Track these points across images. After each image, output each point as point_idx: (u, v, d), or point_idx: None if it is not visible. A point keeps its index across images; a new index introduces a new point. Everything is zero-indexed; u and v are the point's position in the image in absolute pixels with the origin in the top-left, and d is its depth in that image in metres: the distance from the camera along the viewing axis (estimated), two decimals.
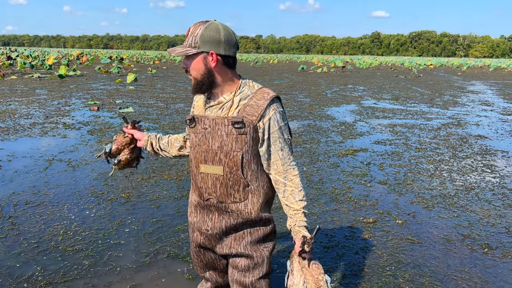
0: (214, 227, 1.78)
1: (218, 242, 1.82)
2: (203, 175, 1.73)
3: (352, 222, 3.65)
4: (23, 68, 21.64)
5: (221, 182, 1.69)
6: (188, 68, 1.65)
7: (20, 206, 3.75)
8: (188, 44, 1.61)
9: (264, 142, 1.68)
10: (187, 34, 1.62)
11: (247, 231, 1.78)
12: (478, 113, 10.96)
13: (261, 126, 1.65)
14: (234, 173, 1.67)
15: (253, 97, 1.66)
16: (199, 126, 1.71)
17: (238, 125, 1.63)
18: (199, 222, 1.84)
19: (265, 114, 1.64)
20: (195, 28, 1.60)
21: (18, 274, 2.65)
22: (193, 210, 1.86)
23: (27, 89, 13.37)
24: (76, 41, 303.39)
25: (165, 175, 4.75)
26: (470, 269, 2.93)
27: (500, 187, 4.77)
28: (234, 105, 1.65)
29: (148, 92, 13.52)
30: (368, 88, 18.07)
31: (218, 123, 1.66)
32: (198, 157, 1.73)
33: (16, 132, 6.82)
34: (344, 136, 7.36)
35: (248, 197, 1.72)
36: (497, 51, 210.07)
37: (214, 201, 1.74)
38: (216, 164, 1.68)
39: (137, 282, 2.62)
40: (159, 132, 7.58)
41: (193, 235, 1.91)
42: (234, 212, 1.74)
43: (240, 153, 1.65)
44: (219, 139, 1.66)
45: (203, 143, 1.70)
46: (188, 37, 1.61)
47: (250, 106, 1.64)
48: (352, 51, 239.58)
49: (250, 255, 1.78)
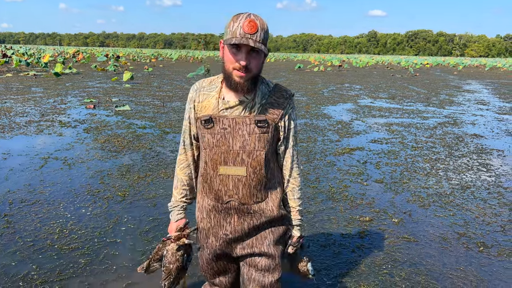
0: (235, 230, 1.71)
1: (238, 244, 1.75)
2: (222, 177, 1.64)
3: (348, 220, 3.66)
4: (18, 66, 21.53)
5: (244, 183, 1.63)
6: (252, 64, 1.52)
7: (15, 204, 3.73)
8: (261, 40, 1.48)
9: (283, 140, 1.69)
10: (255, 27, 1.47)
11: (269, 230, 1.74)
12: (474, 112, 11.00)
13: (281, 125, 1.65)
14: (258, 172, 1.63)
15: (273, 94, 1.64)
16: (217, 126, 1.62)
17: (261, 123, 1.59)
18: (215, 227, 1.74)
19: (286, 112, 1.65)
20: (261, 22, 1.49)
21: (13, 273, 2.64)
22: (206, 216, 1.75)
23: (22, 87, 13.29)
24: (72, 39, 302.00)
25: (161, 173, 4.74)
26: (466, 267, 2.94)
27: (495, 186, 4.79)
28: (256, 106, 1.62)
29: (145, 90, 13.48)
30: (364, 87, 18.10)
31: (239, 122, 1.60)
32: (217, 158, 1.63)
33: (11, 130, 6.78)
34: (340, 135, 7.37)
35: (268, 194, 1.70)
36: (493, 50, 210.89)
37: (235, 204, 1.66)
38: (238, 165, 1.62)
39: (133, 280, 2.62)
40: (155, 131, 7.55)
41: (207, 241, 1.79)
42: (257, 212, 1.69)
43: (263, 152, 1.62)
44: (240, 139, 1.60)
45: (222, 144, 1.62)
46: (259, 32, 1.48)
47: (270, 104, 1.62)
48: (348, 50, 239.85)
49: (272, 255, 1.74)
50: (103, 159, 5.28)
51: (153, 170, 4.87)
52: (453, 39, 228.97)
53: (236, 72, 1.52)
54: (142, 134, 6.84)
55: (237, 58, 1.50)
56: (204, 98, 1.67)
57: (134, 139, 6.41)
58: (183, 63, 40.27)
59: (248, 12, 1.51)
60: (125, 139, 6.41)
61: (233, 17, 1.51)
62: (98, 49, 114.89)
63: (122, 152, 5.63)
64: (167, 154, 5.64)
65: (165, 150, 5.86)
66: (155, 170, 4.87)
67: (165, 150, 5.83)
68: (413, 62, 58.06)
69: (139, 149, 5.84)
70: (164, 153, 5.66)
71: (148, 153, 5.65)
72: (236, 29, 1.47)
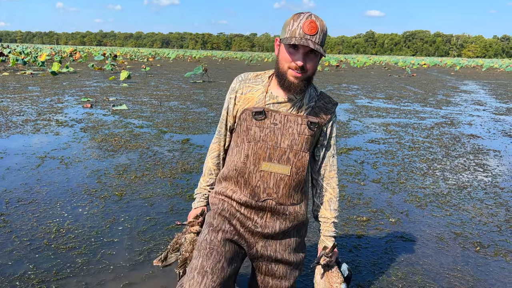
0: (266, 226, 1.63)
1: (261, 240, 1.66)
2: (263, 173, 1.57)
3: (345, 220, 3.66)
4: (15, 64, 21.44)
5: (285, 182, 1.58)
6: (308, 65, 1.49)
7: (12, 203, 3.72)
8: (320, 42, 1.45)
9: (323, 146, 1.67)
10: (316, 28, 1.43)
11: (294, 238, 1.70)
12: (471, 113, 11.04)
13: (326, 130, 1.65)
14: (300, 174, 1.59)
15: (321, 99, 1.63)
16: (268, 120, 1.56)
17: (313, 125, 1.58)
18: (241, 216, 1.64)
19: (331, 119, 1.65)
20: (321, 23, 1.45)
21: (10, 272, 2.63)
22: (232, 202, 1.66)
23: (19, 85, 13.24)
24: (69, 38, 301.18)
25: (158, 173, 4.73)
26: (463, 267, 2.95)
27: (492, 186, 4.81)
28: (304, 106, 1.59)
29: (142, 90, 13.45)
30: (362, 87, 18.13)
31: (291, 120, 1.56)
32: (261, 153, 1.57)
33: (8, 129, 6.75)
34: (338, 135, 7.38)
35: (304, 198, 1.68)
36: (489, 51, 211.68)
37: (273, 203, 1.60)
38: (283, 163, 1.57)
39: (130, 280, 2.61)
40: (152, 130, 7.52)
41: (226, 222, 1.64)
42: (291, 214, 1.64)
43: (308, 154, 1.59)
44: (290, 137, 1.56)
45: (270, 139, 1.56)
46: (319, 34, 1.44)
47: (319, 108, 1.61)
48: (346, 50, 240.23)
49: (291, 262, 1.71)
50: (100, 158, 5.26)
51: (150, 170, 4.86)
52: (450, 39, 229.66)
53: (291, 71, 1.49)
54: (139, 133, 6.82)
55: (294, 58, 1.47)
56: (249, 90, 1.63)
57: (131, 139, 6.40)
58: (180, 62, 40.21)
59: (309, 12, 1.48)
60: (122, 138, 6.39)
61: (294, 16, 1.48)
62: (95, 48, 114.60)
63: (119, 152, 5.61)
64: (164, 153, 5.64)
65: (162, 149, 5.85)
66: (152, 170, 4.86)
67: (162, 150, 5.82)
68: (410, 63, 58.22)
69: (136, 148, 5.83)
70: (161, 153, 5.65)
71: (145, 152, 5.64)
72: (296, 29, 1.44)
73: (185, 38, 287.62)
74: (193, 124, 7.82)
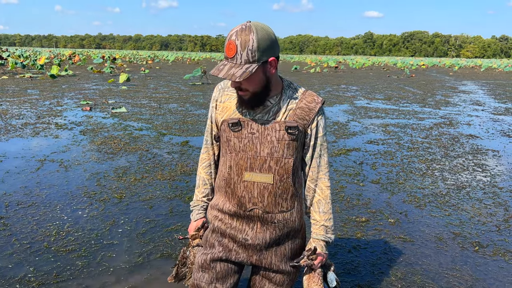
0: (256, 237, 1.61)
1: (254, 253, 1.65)
2: (247, 183, 1.55)
3: (345, 221, 3.67)
4: (14, 68, 21.44)
5: (269, 191, 1.55)
6: (242, 85, 1.44)
7: (11, 206, 3.72)
8: (244, 61, 1.37)
9: (309, 148, 1.61)
10: (234, 49, 1.36)
11: (288, 246, 1.68)
12: (470, 113, 11.06)
13: (309, 132, 1.57)
14: (284, 181, 1.55)
15: (303, 99, 1.55)
16: (245, 130, 1.53)
17: (292, 130, 1.51)
18: (234, 229, 1.64)
19: (315, 118, 1.56)
20: (243, 39, 1.35)
21: (10, 275, 2.64)
22: (223, 217, 1.67)
23: (18, 89, 13.25)
24: (68, 41, 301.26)
25: (158, 175, 4.74)
26: (461, 267, 2.96)
27: (490, 186, 4.82)
28: (282, 110, 1.53)
29: (141, 92, 13.47)
30: (361, 88, 18.16)
31: (268, 127, 1.52)
32: (242, 163, 1.55)
33: (7, 133, 6.76)
34: (337, 135, 7.39)
35: (295, 205, 1.63)
36: (488, 51, 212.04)
37: (259, 212, 1.58)
38: (265, 172, 1.53)
39: (130, 282, 2.62)
40: (152, 132, 7.53)
41: (220, 240, 1.68)
42: (280, 222, 1.61)
43: (291, 159, 1.54)
44: (269, 145, 1.52)
45: (249, 149, 1.54)
46: (239, 53, 1.36)
47: (301, 109, 1.54)
48: (345, 51, 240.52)
49: (289, 272, 1.70)
50: (100, 161, 5.27)
51: (150, 172, 4.87)
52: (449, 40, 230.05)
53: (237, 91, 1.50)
54: (139, 136, 6.83)
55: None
56: (227, 98, 1.60)
57: (131, 141, 6.41)
58: (179, 64, 40.25)
59: (240, 25, 1.39)
60: (122, 141, 6.40)
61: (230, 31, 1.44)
62: (94, 51, 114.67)
63: (118, 154, 5.62)
64: (164, 156, 5.65)
65: (162, 152, 5.86)
66: (151, 172, 4.87)
67: (161, 152, 5.83)
68: (409, 63, 58.29)
69: (135, 151, 5.84)
70: (161, 155, 5.66)
71: (145, 155, 5.65)
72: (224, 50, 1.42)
73: (184, 41, 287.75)
74: (192, 126, 7.83)
